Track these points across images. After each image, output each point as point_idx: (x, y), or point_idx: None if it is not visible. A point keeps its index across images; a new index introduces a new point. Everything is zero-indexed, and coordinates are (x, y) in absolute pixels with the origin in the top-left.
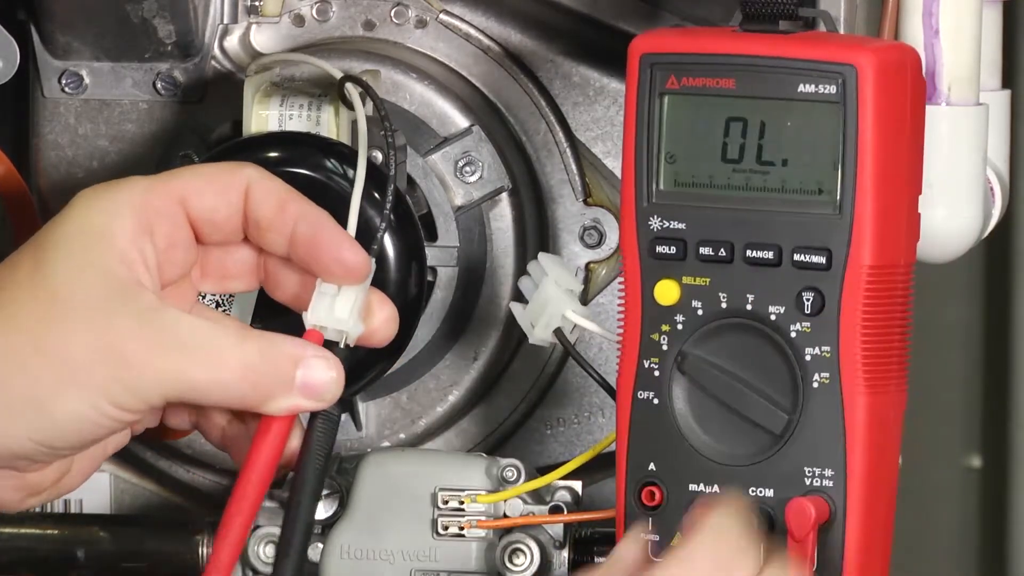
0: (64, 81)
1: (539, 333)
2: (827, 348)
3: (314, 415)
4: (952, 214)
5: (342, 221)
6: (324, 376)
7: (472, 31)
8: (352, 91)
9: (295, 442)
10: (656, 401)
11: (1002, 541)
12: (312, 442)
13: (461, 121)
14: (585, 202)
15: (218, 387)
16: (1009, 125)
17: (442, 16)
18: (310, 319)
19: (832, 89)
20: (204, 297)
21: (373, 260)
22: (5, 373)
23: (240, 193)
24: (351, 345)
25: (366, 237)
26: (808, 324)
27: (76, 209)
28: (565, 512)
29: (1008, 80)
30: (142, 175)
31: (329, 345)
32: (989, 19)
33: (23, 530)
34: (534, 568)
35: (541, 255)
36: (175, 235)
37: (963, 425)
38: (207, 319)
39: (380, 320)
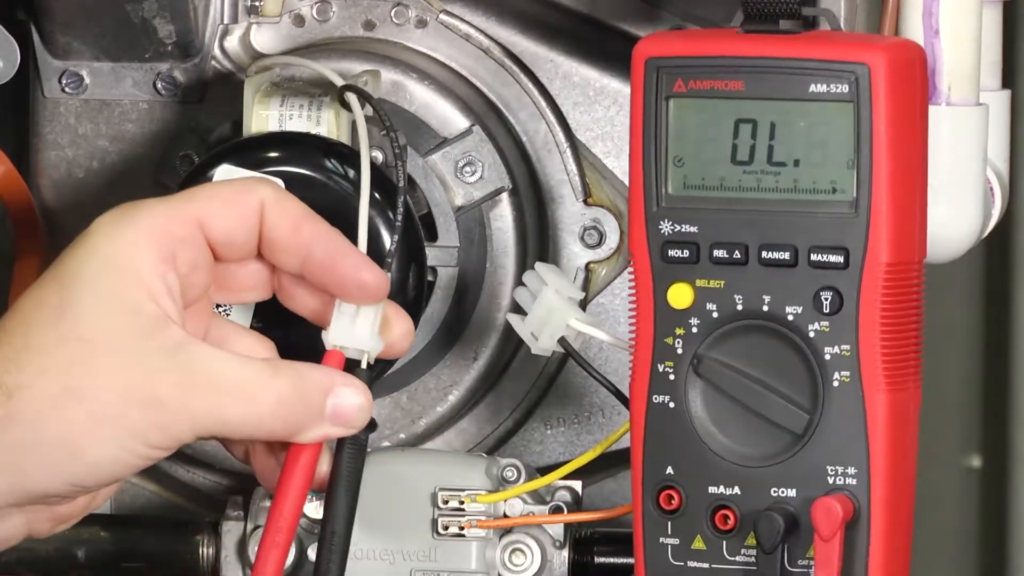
0: (64, 81)
1: (544, 344)
2: (847, 347)
3: (341, 440)
4: (952, 214)
5: (345, 222)
6: (354, 403)
7: (472, 31)
8: (352, 100)
9: (324, 467)
10: (672, 405)
11: (1002, 541)
12: (342, 468)
13: (461, 121)
14: (585, 202)
15: (251, 424)
16: (1009, 125)
17: (442, 16)
18: (331, 339)
19: (844, 88)
20: None
21: (389, 275)
22: (37, 417)
23: (257, 214)
24: (372, 363)
25: (372, 244)
26: (827, 323)
27: (97, 240)
28: (565, 512)
29: (1008, 80)
30: (158, 197)
31: (351, 364)
32: (989, 19)
33: None
34: (534, 568)
35: (538, 265)
36: (196, 259)
37: (963, 425)
38: (234, 353)
39: (398, 334)
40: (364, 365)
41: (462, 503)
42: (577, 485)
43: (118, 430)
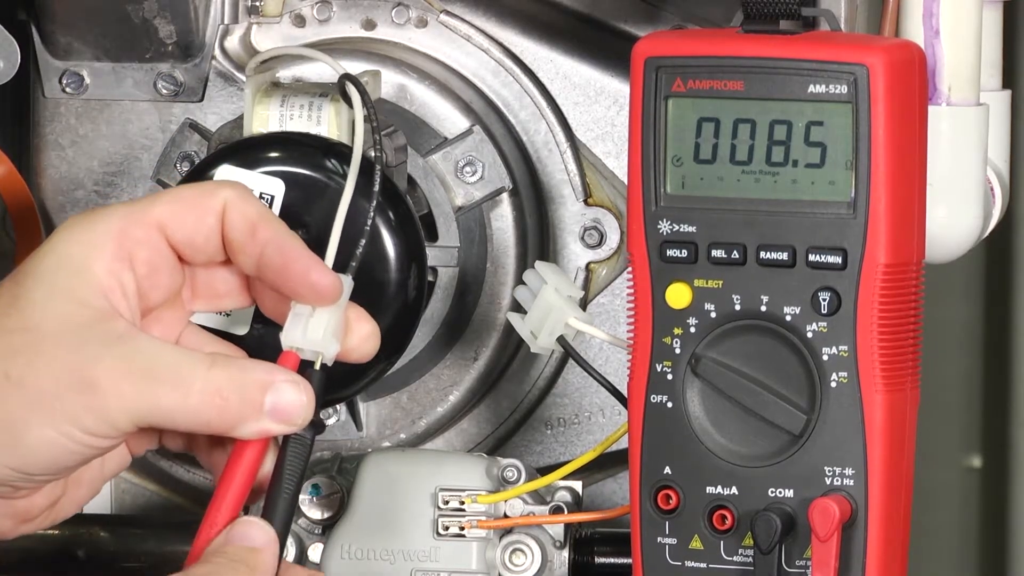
0: (65, 81)
1: (543, 342)
2: (844, 347)
3: (286, 438)
4: (952, 214)
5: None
6: (294, 400)
7: (472, 31)
8: (351, 90)
9: (269, 465)
10: (670, 405)
11: (1002, 541)
12: (283, 467)
13: (461, 121)
14: (585, 202)
15: (184, 412)
16: (1009, 125)
17: (442, 16)
18: (285, 340)
19: (843, 89)
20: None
21: (350, 278)
22: None
23: (217, 216)
24: (328, 365)
25: (370, 244)
26: (824, 324)
27: (56, 241)
28: (565, 512)
29: (1008, 80)
30: (123, 202)
31: (305, 365)
32: (989, 19)
33: None
34: (534, 568)
35: (538, 264)
36: (156, 260)
37: (963, 425)
38: (179, 346)
39: (359, 337)
40: (317, 366)
41: (462, 503)
42: (577, 485)
43: (53, 413)
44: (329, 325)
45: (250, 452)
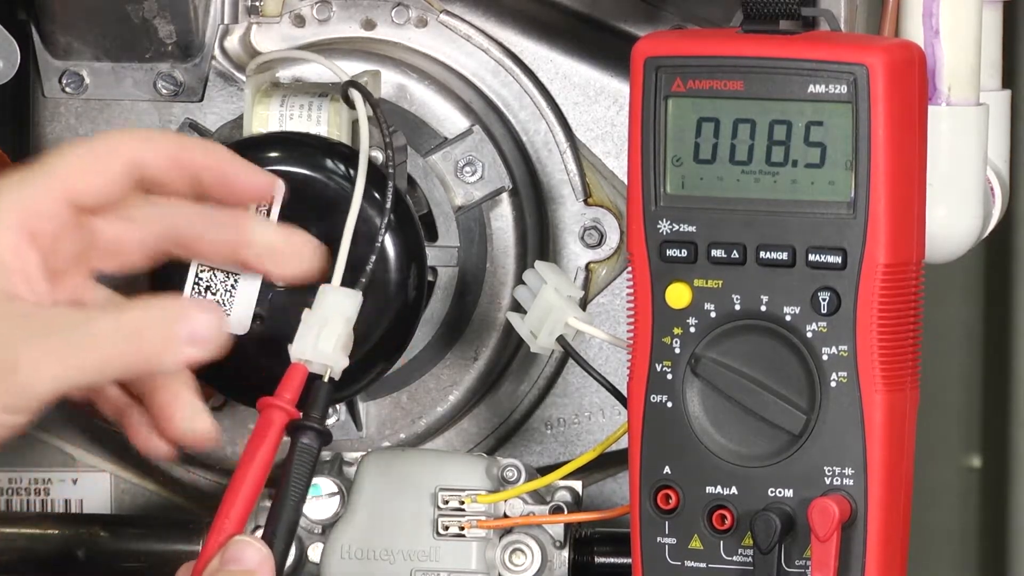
0: (64, 81)
1: (542, 341)
2: (844, 347)
3: (292, 446)
4: (952, 214)
5: (345, 222)
6: (203, 321)
7: (472, 31)
8: (356, 96)
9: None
10: (670, 404)
11: (1002, 541)
12: (289, 475)
13: (461, 121)
14: (585, 202)
15: (104, 363)
16: (1009, 125)
17: (442, 16)
18: (294, 353)
19: (843, 89)
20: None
21: (359, 292)
22: None
23: (125, 166)
24: (335, 379)
25: (370, 245)
26: (824, 324)
27: None
28: (565, 512)
29: (1008, 80)
30: (24, 170)
31: (314, 378)
32: (989, 19)
33: (23, 530)
34: (534, 568)
35: (537, 263)
36: (59, 229)
37: (963, 425)
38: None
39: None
40: (326, 379)
41: (462, 503)
42: (577, 485)
43: None
44: (339, 339)
45: (260, 456)
